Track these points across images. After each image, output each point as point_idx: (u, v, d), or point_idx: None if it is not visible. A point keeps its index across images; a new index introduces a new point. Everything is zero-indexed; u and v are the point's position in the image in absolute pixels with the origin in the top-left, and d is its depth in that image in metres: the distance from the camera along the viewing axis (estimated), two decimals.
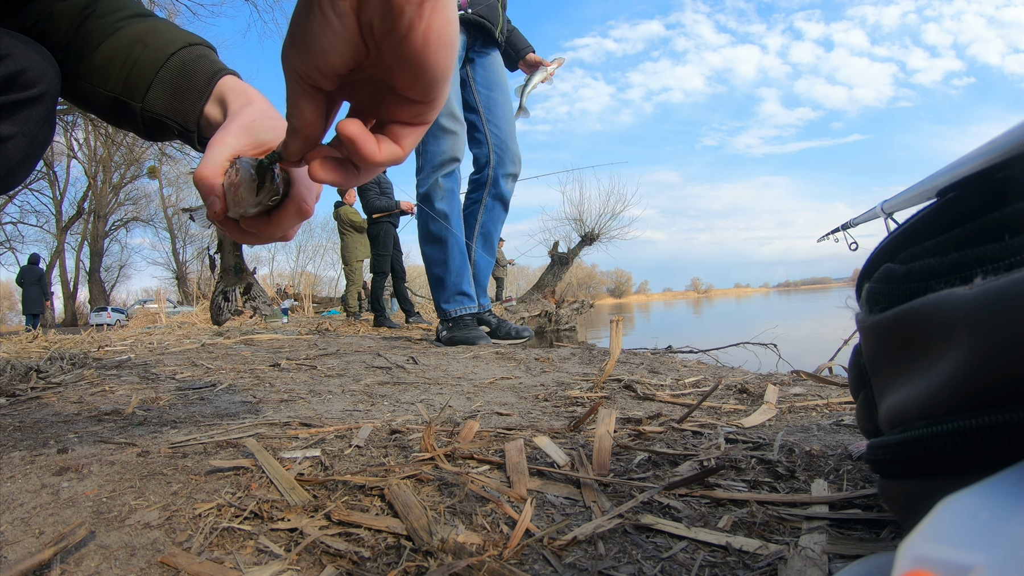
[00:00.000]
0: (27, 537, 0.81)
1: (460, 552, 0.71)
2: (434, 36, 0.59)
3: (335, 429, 1.35)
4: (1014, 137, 0.56)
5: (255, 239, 0.93)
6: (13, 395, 1.99)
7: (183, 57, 1.11)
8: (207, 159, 0.91)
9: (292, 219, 0.91)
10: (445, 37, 0.60)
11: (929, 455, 0.47)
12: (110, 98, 1.10)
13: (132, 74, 1.09)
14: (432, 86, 0.65)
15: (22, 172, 1.07)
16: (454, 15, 0.60)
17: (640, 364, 2.68)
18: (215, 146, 0.93)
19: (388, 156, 0.71)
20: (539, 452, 1.11)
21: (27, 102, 1.00)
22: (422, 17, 0.57)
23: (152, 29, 1.13)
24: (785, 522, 0.78)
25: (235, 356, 3.36)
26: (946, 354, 0.47)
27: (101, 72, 1.10)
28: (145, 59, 1.09)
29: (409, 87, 0.65)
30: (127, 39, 1.10)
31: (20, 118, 1.00)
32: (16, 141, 1.00)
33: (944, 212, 0.65)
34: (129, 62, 1.09)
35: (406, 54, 0.61)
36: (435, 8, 0.57)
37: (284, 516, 0.84)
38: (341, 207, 11.24)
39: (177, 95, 1.09)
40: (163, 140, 1.18)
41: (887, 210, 1.31)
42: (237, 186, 0.85)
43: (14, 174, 1.05)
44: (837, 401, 1.61)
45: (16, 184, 1.10)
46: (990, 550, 0.30)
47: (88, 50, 1.10)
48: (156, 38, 1.12)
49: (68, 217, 40.65)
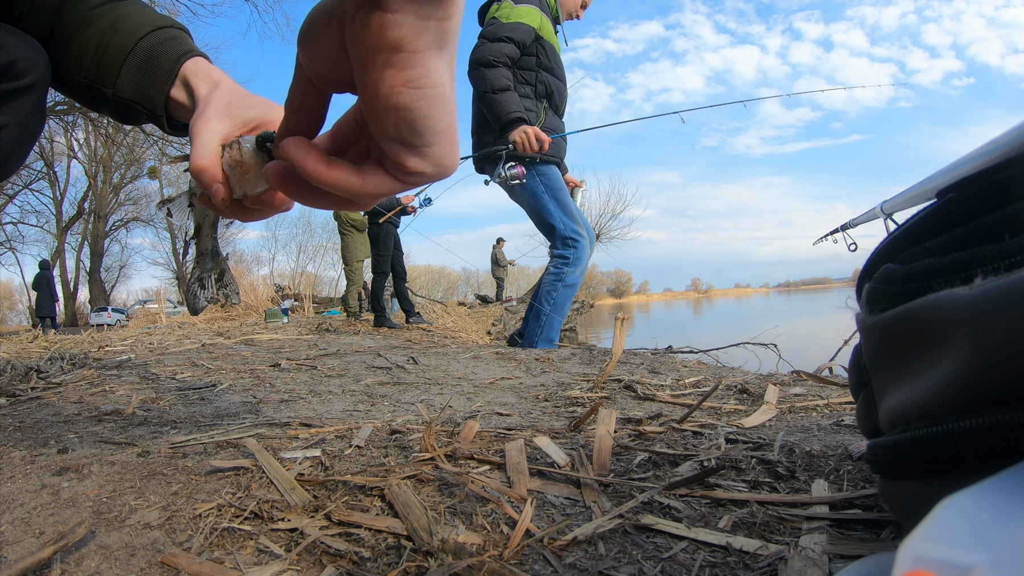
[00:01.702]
0: (27, 537, 0.81)
1: (460, 552, 0.71)
2: (383, 92, 0.55)
3: (335, 429, 1.35)
4: (1013, 138, 0.56)
5: (258, 215, 0.93)
6: (13, 395, 1.99)
7: (150, 41, 1.11)
8: (199, 148, 0.91)
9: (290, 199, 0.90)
10: (395, 99, 0.55)
11: (929, 455, 0.47)
12: (85, 84, 1.11)
13: (104, 60, 1.10)
14: (391, 146, 0.60)
15: (14, 162, 1.07)
16: (420, 79, 0.55)
17: (640, 364, 2.68)
18: (202, 133, 0.93)
19: (337, 180, 0.66)
20: (539, 452, 1.11)
21: (18, 91, 1.00)
22: (375, 67, 0.54)
23: (124, 14, 1.13)
24: (785, 522, 0.78)
25: (235, 356, 3.36)
26: (946, 354, 0.47)
27: (77, 60, 1.10)
28: (115, 45, 1.10)
29: (375, 134, 0.61)
30: (100, 25, 1.11)
31: (12, 107, 1.00)
32: (8, 131, 1.00)
33: (944, 212, 0.65)
34: (101, 48, 1.10)
35: (363, 97, 0.58)
36: (389, 63, 0.53)
37: (284, 516, 0.84)
38: None
39: (145, 80, 1.10)
40: (135, 124, 1.19)
41: (887, 210, 1.31)
42: (242, 166, 0.85)
43: (7, 163, 1.06)
44: (837, 401, 1.61)
45: (9, 174, 1.10)
46: (990, 550, 0.30)
47: (66, 37, 1.11)
48: (126, 23, 1.12)
49: (68, 217, 40.64)
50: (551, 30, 4.41)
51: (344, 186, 0.66)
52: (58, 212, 40.15)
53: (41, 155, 34.78)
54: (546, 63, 4.40)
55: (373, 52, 0.53)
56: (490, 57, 4.14)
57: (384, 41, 0.52)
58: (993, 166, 0.59)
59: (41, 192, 38.83)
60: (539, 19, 4.28)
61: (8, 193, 35.70)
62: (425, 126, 0.58)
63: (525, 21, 4.21)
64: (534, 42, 4.29)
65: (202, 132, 0.93)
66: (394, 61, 0.53)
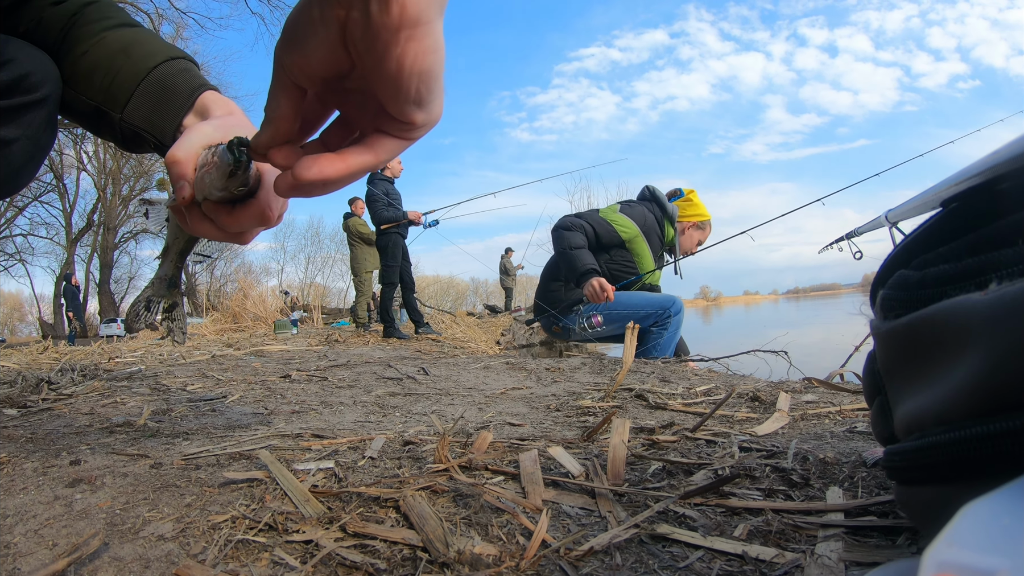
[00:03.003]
0: (40, 548, 0.81)
1: (477, 563, 0.71)
2: (407, 62, 0.60)
3: (348, 440, 1.35)
4: (1015, 150, 0.56)
5: (212, 230, 0.94)
6: (25, 406, 1.99)
7: (164, 71, 1.12)
8: (182, 142, 0.92)
9: (252, 219, 0.92)
10: (419, 65, 0.61)
11: (947, 461, 0.47)
12: (92, 106, 1.12)
13: (114, 84, 1.10)
14: (408, 108, 0.66)
15: (26, 175, 1.08)
16: (434, 44, 0.61)
17: (651, 373, 2.68)
18: (192, 132, 0.94)
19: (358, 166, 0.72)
20: (553, 462, 1.11)
21: (30, 105, 1.01)
22: (398, 43, 0.58)
23: (136, 40, 1.14)
24: (801, 530, 0.78)
25: (245, 367, 3.37)
26: (962, 359, 0.46)
27: (86, 79, 1.11)
28: (127, 70, 1.10)
29: (389, 104, 0.66)
30: (111, 48, 1.11)
31: (24, 121, 1.01)
32: (20, 144, 1.01)
33: (957, 218, 0.65)
34: (112, 72, 1.10)
35: (383, 75, 0.62)
36: (411, 36, 0.58)
37: (299, 528, 0.84)
38: (350, 218, 11.28)
39: (157, 109, 1.10)
40: (138, 152, 1.19)
41: (891, 219, 1.31)
42: (210, 167, 0.86)
43: (18, 177, 1.06)
44: (850, 408, 1.60)
45: (20, 187, 1.11)
46: (1013, 555, 0.30)
47: (74, 56, 1.11)
48: (138, 49, 1.13)
49: (78, 229, 40.78)
50: (644, 248, 4.93)
51: (364, 167, 0.72)
52: (68, 224, 40.31)
53: (51, 167, 35.00)
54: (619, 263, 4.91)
55: (395, 31, 0.57)
56: (569, 222, 4.82)
57: (407, 19, 0.57)
58: (996, 176, 0.60)
59: (51, 204, 39.05)
60: (633, 234, 4.87)
61: (18, 205, 35.97)
62: (437, 83, 0.65)
63: (616, 227, 4.84)
64: (619, 247, 4.89)
65: (193, 131, 0.95)
66: (415, 35, 0.58)
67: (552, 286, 5.11)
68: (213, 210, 0.91)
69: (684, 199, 5.22)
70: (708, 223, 5.32)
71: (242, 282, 16.06)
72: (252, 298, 13.02)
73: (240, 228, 0.93)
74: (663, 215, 5.11)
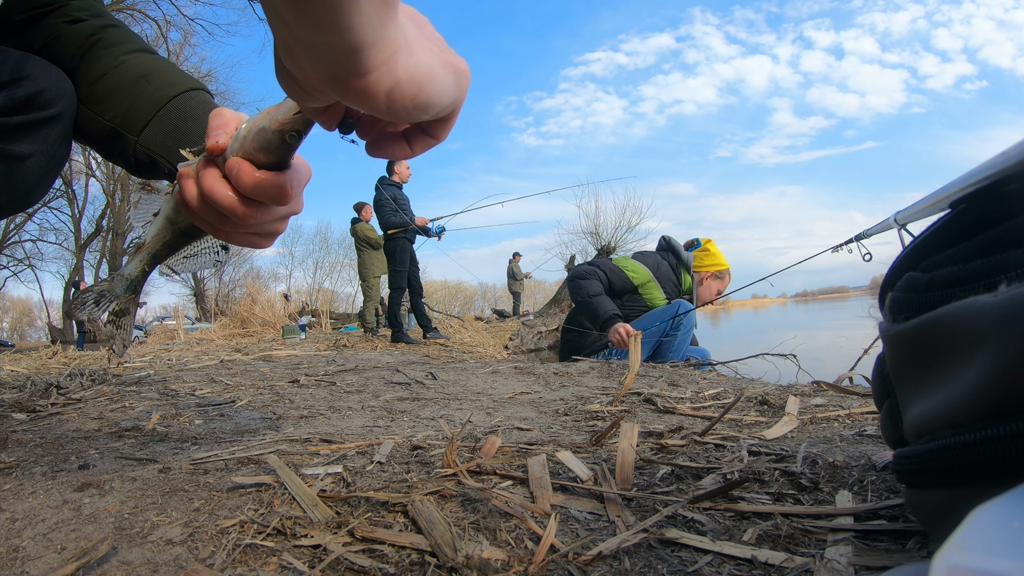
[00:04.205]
0: (49, 552, 0.81)
1: (485, 568, 0.71)
2: (404, 108, 0.57)
3: (356, 445, 1.35)
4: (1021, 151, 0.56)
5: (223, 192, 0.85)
6: (34, 411, 2.00)
7: (185, 102, 1.12)
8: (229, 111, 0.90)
9: (273, 188, 0.83)
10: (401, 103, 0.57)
11: (957, 464, 0.47)
12: (108, 127, 1.11)
13: (133, 108, 1.10)
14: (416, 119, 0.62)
15: (40, 190, 1.08)
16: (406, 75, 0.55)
17: (659, 377, 2.67)
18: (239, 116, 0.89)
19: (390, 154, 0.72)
20: (561, 467, 1.11)
21: (46, 121, 1.01)
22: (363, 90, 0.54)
23: (157, 68, 1.14)
24: (810, 534, 0.78)
25: (254, 372, 3.38)
26: (972, 362, 0.46)
27: (103, 101, 1.11)
28: (147, 96, 1.10)
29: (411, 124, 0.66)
30: (132, 74, 1.11)
31: (39, 137, 1.01)
32: (35, 160, 1.01)
33: (964, 220, 0.65)
34: (132, 96, 1.10)
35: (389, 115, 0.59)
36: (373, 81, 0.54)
37: (307, 532, 0.84)
38: (358, 224, 11.29)
39: (174, 137, 1.10)
40: (149, 178, 1.15)
41: (900, 221, 1.30)
42: (255, 133, 0.80)
43: (33, 192, 1.07)
44: (859, 411, 1.60)
45: (34, 202, 1.11)
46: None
47: (92, 77, 1.11)
48: (159, 78, 1.12)
49: (87, 235, 40.92)
50: (657, 293, 5.02)
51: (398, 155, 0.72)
52: (76, 230, 40.43)
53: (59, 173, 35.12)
54: (631, 308, 4.97)
55: (375, 99, 0.55)
56: (583, 271, 4.93)
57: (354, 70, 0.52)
58: (1004, 178, 0.59)
59: (60, 210, 39.13)
60: (645, 279, 4.98)
61: (27, 211, 36.10)
62: (442, 97, 0.61)
63: (627, 272, 4.95)
64: (631, 292, 5.00)
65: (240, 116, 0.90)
66: (378, 76, 0.53)
67: (568, 336, 5.29)
68: (237, 168, 0.82)
69: (701, 249, 5.29)
70: (727, 272, 5.36)
71: (250, 287, 16.08)
72: (260, 303, 13.07)
73: (255, 194, 0.83)
74: (678, 263, 5.17)
